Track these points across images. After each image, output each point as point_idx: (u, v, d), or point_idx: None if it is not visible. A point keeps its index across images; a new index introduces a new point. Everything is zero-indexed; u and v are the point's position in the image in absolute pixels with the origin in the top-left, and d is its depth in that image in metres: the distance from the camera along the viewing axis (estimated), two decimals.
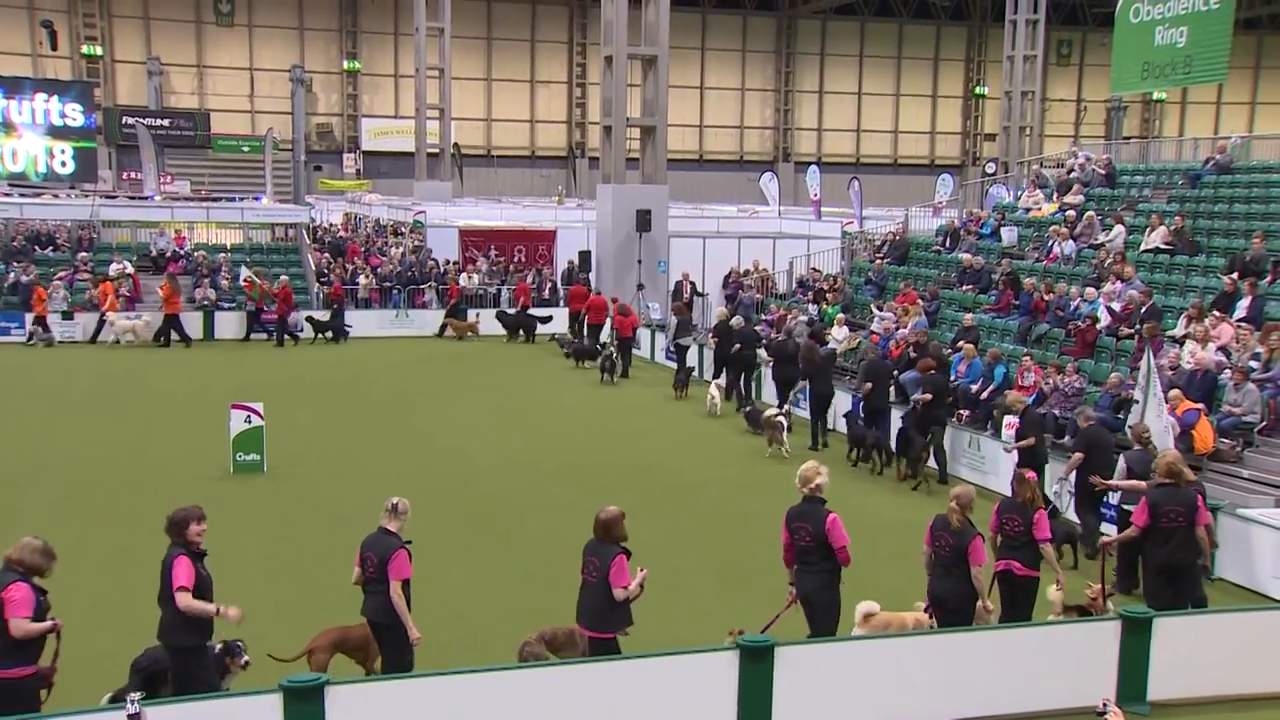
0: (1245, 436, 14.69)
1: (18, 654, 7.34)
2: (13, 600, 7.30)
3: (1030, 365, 17.54)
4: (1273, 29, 69.74)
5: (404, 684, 7.99)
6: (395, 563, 8.26)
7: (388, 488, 15.23)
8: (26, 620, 7.32)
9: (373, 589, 8.39)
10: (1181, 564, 10.18)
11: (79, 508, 14.22)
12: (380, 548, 8.38)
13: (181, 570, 7.75)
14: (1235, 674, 9.29)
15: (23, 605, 7.32)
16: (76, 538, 12.99)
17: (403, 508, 8.57)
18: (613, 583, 8.39)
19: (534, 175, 66.11)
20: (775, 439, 17.89)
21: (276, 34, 61.77)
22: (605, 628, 8.53)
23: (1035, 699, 8.87)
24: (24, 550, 7.55)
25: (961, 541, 9.14)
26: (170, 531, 7.97)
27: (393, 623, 8.30)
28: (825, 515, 9.06)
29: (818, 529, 9.01)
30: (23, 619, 7.31)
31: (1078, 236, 22.83)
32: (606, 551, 8.50)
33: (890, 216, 34.80)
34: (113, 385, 23.01)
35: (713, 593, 11.60)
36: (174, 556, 7.83)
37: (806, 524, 9.08)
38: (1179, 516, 10.05)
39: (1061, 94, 71.72)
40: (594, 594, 8.53)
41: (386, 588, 8.25)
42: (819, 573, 9.11)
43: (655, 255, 31.04)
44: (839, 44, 70.32)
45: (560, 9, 65.76)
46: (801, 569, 9.20)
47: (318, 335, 29.46)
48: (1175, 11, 23.32)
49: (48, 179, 46.33)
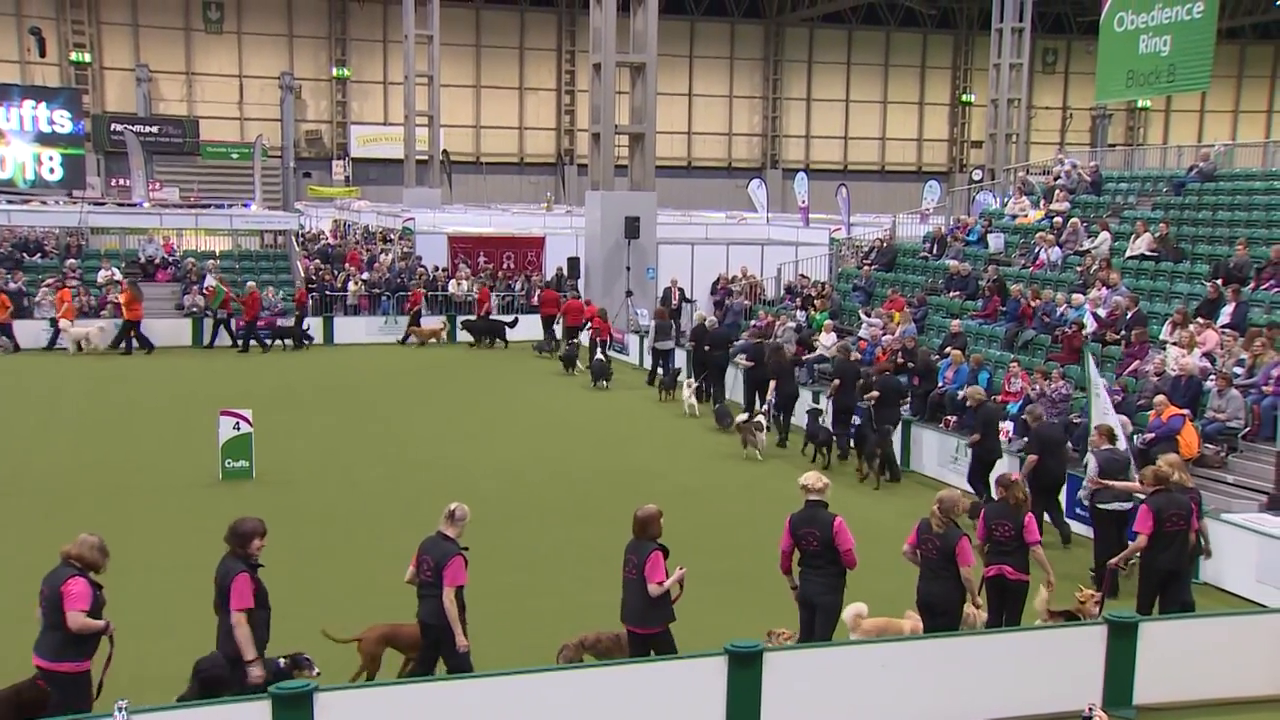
0: (1229, 442, 14.80)
1: (74, 648, 7.51)
2: (72, 594, 7.48)
3: (1017, 371, 17.65)
4: (1255, 39, 70.26)
5: (393, 690, 8.01)
6: (450, 569, 8.37)
7: (377, 494, 15.34)
8: (84, 615, 7.47)
9: (428, 592, 8.52)
10: (1183, 569, 10.28)
11: (63, 517, 14.19)
12: (437, 552, 8.48)
13: (242, 590, 7.76)
14: (1220, 678, 9.37)
15: (81, 599, 7.49)
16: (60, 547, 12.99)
17: (460, 514, 8.65)
18: (648, 578, 8.57)
19: (523, 182, 66.13)
20: (750, 441, 18.15)
21: (266, 41, 61.72)
22: (647, 623, 8.70)
23: (1022, 704, 8.92)
24: (82, 546, 7.74)
25: (947, 543, 9.19)
26: (232, 541, 7.99)
27: (445, 625, 8.40)
28: (832, 518, 9.20)
29: (825, 532, 9.13)
30: (80, 613, 7.46)
31: (1064, 243, 22.96)
32: (643, 548, 8.70)
33: (878, 223, 35.01)
34: (76, 394, 22.78)
35: (701, 599, 11.62)
36: (235, 572, 7.81)
37: (814, 528, 9.18)
38: (1180, 520, 10.14)
39: (1047, 101, 72.05)
40: (634, 591, 8.72)
41: (441, 592, 8.36)
42: (825, 576, 9.22)
43: (644, 262, 31.10)
44: (826, 51, 70.55)
45: (549, 16, 65.86)
46: (807, 573, 9.31)
47: (274, 341, 29.03)
48: (1159, 21, 23.49)
49: (36, 186, 46.13)
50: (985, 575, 9.82)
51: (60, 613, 7.49)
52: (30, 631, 7.67)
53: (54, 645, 7.61)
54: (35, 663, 7.74)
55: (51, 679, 7.67)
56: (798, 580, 9.39)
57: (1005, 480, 10.28)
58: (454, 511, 8.65)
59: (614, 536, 12.50)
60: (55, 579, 7.68)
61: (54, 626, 7.62)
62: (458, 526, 8.61)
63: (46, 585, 7.74)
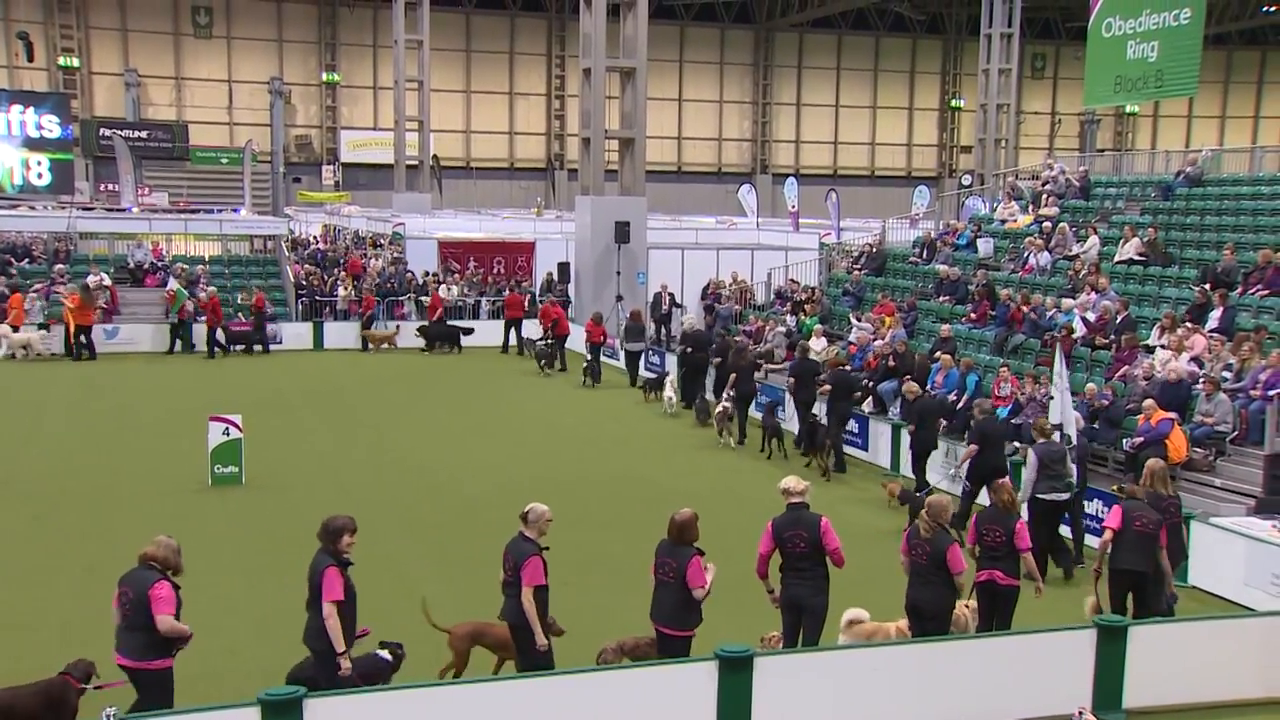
0: (1217, 446, 14.86)
1: (162, 647, 7.78)
2: (160, 598, 7.73)
3: (1007, 376, 17.69)
4: (1242, 44, 70.65)
5: (382, 696, 7.98)
6: (529, 569, 8.47)
7: (367, 498, 15.30)
8: (172, 617, 7.74)
9: (509, 592, 8.62)
10: (1149, 572, 10.22)
11: (52, 522, 14.15)
12: (517, 553, 8.59)
13: (333, 583, 7.92)
14: (1209, 682, 9.39)
15: (168, 603, 7.76)
16: (49, 553, 12.95)
17: (534, 515, 8.70)
18: (691, 583, 8.61)
19: (513, 187, 66.10)
20: (725, 429, 19.34)
21: (255, 46, 61.60)
22: (684, 626, 8.75)
23: (1012, 707, 8.93)
24: (162, 548, 7.94)
25: (938, 548, 9.19)
26: (325, 537, 8.13)
27: (524, 624, 8.48)
28: (818, 519, 9.23)
29: (813, 533, 9.14)
30: (169, 615, 7.73)
31: (1053, 248, 23.05)
32: (682, 553, 8.70)
33: (867, 228, 35.04)
34: (59, 400, 22.63)
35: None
36: (325, 566, 7.99)
37: (801, 530, 9.19)
38: (1150, 524, 10.15)
39: (1036, 107, 72.31)
40: (670, 594, 8.73)
41: (520, 591, 8.45)
42: (813, 579, 9.22)
43: (634, 267, 31.11)
44: (816, 57, 70.70)
45: (539, 22, 65.89)
46: (793, 576, 9.27)
47: (231, 347, 28.73)
48: (1146, 26, 23.61)
49: (24, 191, 46.07)
50: (976, 580, 9.84)
51: (147, 615, 7.71)
52: (12, 637, 7.64)
53: (140, 645, 7.79)
54: (120, 662, 7.88)
55: (138, 677, 7.85)
56: (778, 585, 9.36)
57: (995, 485, 10.31)
58: (526, 514, 8.71)
59: (606, 540, 12.50)
60: (140, 582, 7.84)
61: (139, 627, 7.79)
62: (534, 527, 8.68)
63: (130, 587, 7.87)
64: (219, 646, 9.81)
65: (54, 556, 12.79)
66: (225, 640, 10.10)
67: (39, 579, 12.05)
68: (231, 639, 10.23)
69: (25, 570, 12.34)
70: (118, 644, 7.88)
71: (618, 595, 11.19)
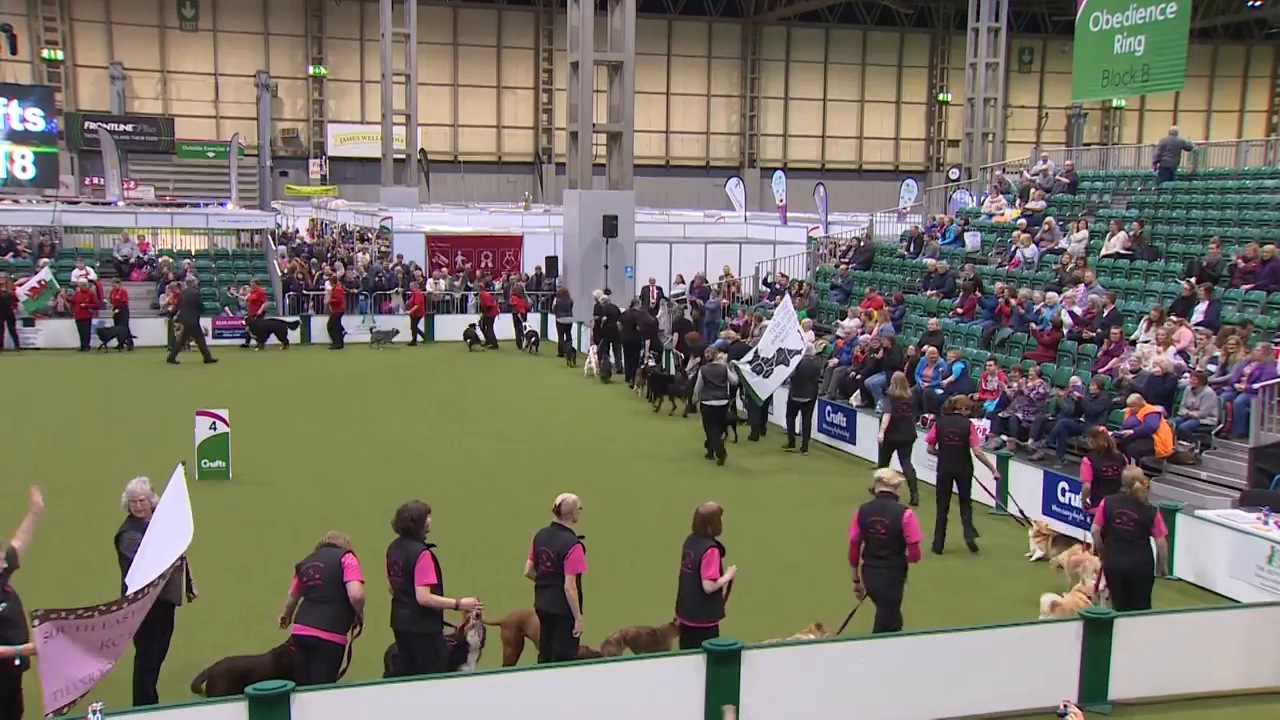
0: (1203, 439, 14.93)
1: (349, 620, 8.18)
2: (352, 565, 8.20)
3: (994, 369, 17.73)
4: (1227, 39, 70.93)
5: (370, 690, 7.95)
6: (571, 557, 8.53)
7: (354, 493, 15.26)
8: (429, 589, 8.18)
9: (548, 583, 8.66)
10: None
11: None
12: (556, 543, 8.63)
13: (425, 566, 8.21)
14: (1195, 673, 9.44)
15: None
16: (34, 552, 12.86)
17: (566, 506, 8.77)
18: (702, 574, 8.73)
19: (501, 181, 66.02)
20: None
21: (241, 39, 61.34)
22: (700, 618, 8.85)
23: (998, 700, 8.96)
24: (336, 538, 8.44)
25: (1145, 516, 9.86)
26: (408, 524, 8.36)
27: (565, 613, 8.54)
28: (902, 510, 9.58)
29: (895, 523, 9.46)
30: (360, 583, 8.15)
31: (1040, 241, 23.10)
32: (700, 545, 8.85)
33: (855, 222, 35.07)
34: (43, 394, 22.60)
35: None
36: (418, 552, 8.24)
37: (884, 518, 9.53)
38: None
39: (1023, 101, 72.51)
40: (689, 586, 8.86)
41: (562, 581, 8.50)
42: (888, 568, 9.54)
43: (622, 260, 31.10)
44: (804, 50, 70.75)
45: (526, 15, 65.76)
46: (870, 564, 9.58)
47: (105, 343, 28.05)
48: (1133, 21, 23.66)
49: (8, 184, 45.78)
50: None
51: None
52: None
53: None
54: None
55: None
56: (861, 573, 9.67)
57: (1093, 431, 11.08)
58: (559, 505, 8.77)
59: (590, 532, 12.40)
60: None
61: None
62: (569, 517, 8.74)
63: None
64: (205, 641, 9.77)
65: (37, 555, 12.70)
66: (211, 635, 10.07)
67: (29, 576, 11.95)
68: (217, 634, 10.19)
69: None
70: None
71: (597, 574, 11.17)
